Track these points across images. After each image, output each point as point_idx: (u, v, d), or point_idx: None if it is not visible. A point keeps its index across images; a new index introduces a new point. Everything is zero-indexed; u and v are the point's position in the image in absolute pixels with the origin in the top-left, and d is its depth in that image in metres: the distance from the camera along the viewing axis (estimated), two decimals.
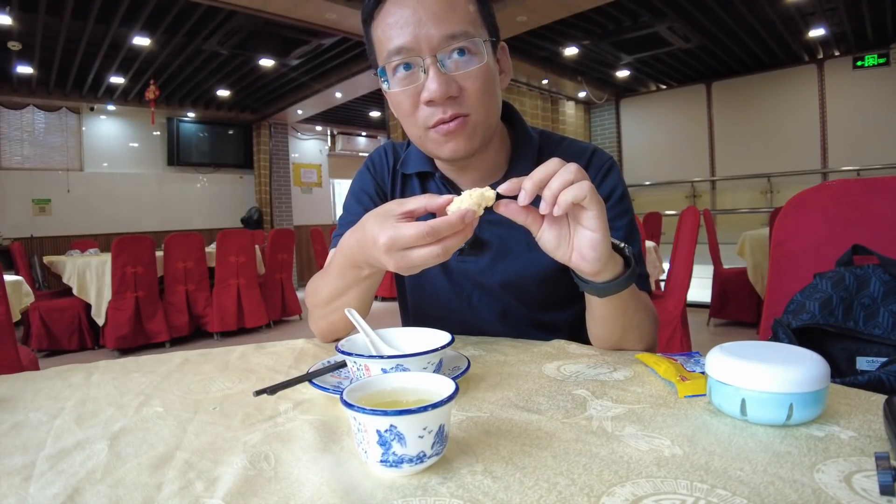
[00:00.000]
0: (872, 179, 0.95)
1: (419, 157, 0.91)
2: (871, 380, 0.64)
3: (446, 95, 0.73)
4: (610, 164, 0.90)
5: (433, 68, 0.72)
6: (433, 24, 0.72)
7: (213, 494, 0.39)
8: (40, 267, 5.45)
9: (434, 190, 0.92)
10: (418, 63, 0.73)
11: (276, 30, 5.08)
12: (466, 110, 0.75)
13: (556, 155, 0.90)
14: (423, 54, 0.73)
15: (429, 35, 0.72)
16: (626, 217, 0.87)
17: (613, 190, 0.88)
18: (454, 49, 0.73)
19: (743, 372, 0.47)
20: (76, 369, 0.75)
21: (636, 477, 0.39)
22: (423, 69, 0.73)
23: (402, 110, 0.78)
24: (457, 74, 0.74)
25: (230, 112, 8.16)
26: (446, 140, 0.77)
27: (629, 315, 0.72)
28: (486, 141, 0.82)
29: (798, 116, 6.95)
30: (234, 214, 8.38)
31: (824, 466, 0.39)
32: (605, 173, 0.89)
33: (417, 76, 0.74)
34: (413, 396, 0.46)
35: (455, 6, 0.74)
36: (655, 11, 5.17)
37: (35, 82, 6.36)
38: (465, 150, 0.79)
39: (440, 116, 0.74)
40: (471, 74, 0.74)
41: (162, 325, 4.48)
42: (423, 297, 0.96)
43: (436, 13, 0.72)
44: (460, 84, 0.74)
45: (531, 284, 0.89)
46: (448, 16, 0.73)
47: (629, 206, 0.89)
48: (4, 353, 1.94)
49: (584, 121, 8.62)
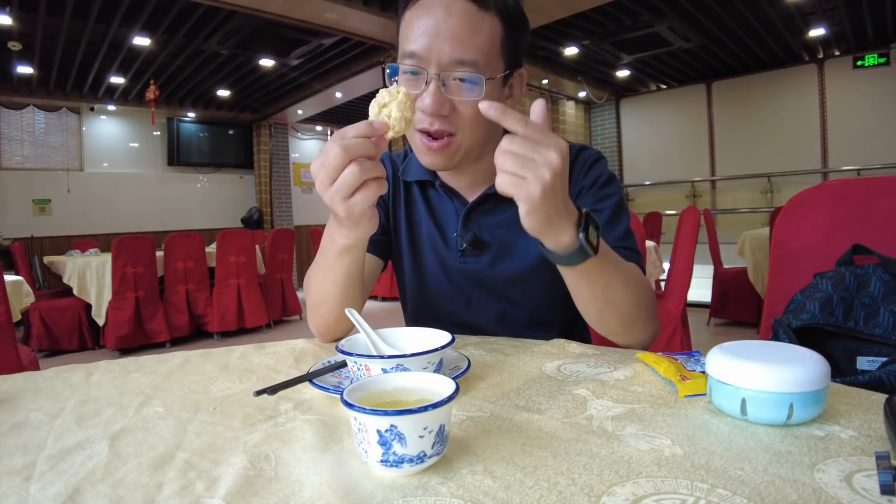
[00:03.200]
0: (873, 179, 0.95)
1: (419, 166, 0.92)
2: (871, 379, 0.64)
3: (437, 113, 0.76)
4: (596, 156, 0.92)
5: (434, 83, 0.75)
6: (448, 43, 0.74)
7: (213, 494, 0.39)
8: (40, 267, 5.45)
9: (435, 197, 0.95)
10: (423, 74, 0.76)
11: (276, 30, 5.08)
12: (454, 129, 0.78)
13: None
14: (430, 67, 0.75)
15: (440, 52, 0.74)
16: (610, 199, 0.88)
17: (598, 177, 0.89)
18: (458, 74, 0.75)
19: (743, 371, 0.47)
20: (76, 369, 0.75)
21: (636, 477, 0.39)
22: (426, 80, 0.76)
23: None
24: (454, 98, 0.76)
25: (230, 112, 8.16)
26: (427, 152, 0.81)
27: (602, 291, 0.71)
28: (472, 158, 0.85)
29: (798, 116, 6.95)
30: (235, 214, 8.38)
31: (825, 466, 0.39)
32: (591, 165, 0.90)
33: (420, 84, 0.77)
34: (413, 396, 0.46)
35: (477, 32, 0.75)
36: (656, 11, 5.17)
37: (35, 82, 6.36)
38: (441, 165, 0.82)
39: (426, 126, 0.77)
40: (467, 102, 0.77)
41: (162, 325, 4.48)
42: (422, 299, 0.97)
43: (455, 34, 0.74)
44: (455, 106, 0.77)
45: (531, 283, 0.89)
46: (465, 41, 0.74)
47: (615, 190, 0.90)
48: (4, 353, 1.94)
49: (585, 121, 8.62)
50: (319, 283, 0.80)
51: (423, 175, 0.93)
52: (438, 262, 0.94)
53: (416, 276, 0.97)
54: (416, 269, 0.97)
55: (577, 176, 0.90)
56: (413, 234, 0.97)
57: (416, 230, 0.97)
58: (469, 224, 0.91)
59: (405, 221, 0.97)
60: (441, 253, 0.94)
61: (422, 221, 0.96)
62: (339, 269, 0.76)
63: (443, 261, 0.94)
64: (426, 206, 0.96)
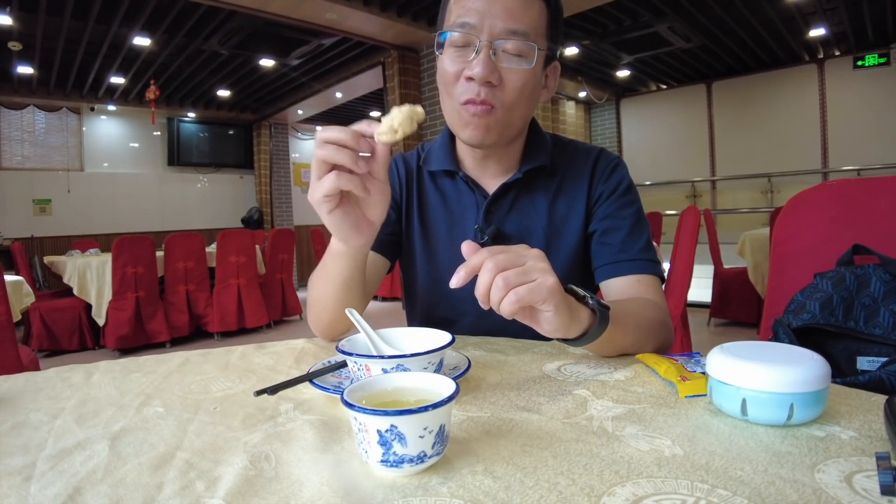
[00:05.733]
0: (873, 179, 0.95)
1: (443, 155, 0.93)
2: (871, 380, 0.64)
3: (486, 80, 0.77)
4: (616, 161, 0.94)
5: (485, 51, 0.77)
6: (501, 17, 0.77)
7: (213, 494, 0.39)
8: (41, 267, 5.45)
9: (453, 190, 0.95)
10: (474, 43, 0.77)
11: (276, 30, 5.07)
12: (496, 102, 0.79)
13: (566, 155, 0.94)
14: (482, 36, 0.77)
15: (493, 24, 0.77)
16: (631, 208, 0.89)
17: (619, 183, 0.91)
18: (510, 42, 0.77)
19: (743, 372, 0.47)
20: (76, 369, 0.75)
21: (637, 477, 0.39)
22: (476, 49, 0.77)
23: (446, 78, 0.82)
24: (503, 67, 0.78)
25: (230, 112, 8.16)
26: (468, 122, 0.81)
27: (619, 343, 0.69)
28: (506, 140, 0.85)
29: (798, 116, 6.95)
30: (235, 214, 8.38)
31: (825, 466, 0.39)
32: (612, 170, 0.92)
33: (469, 53, 0.78)
34: (414, 396, 0.46)
35: (529, 8, 0.78)
36: (656, 11, 5.17)
37: (35, 82, 6.36)
38: (480, 139, 0.82)
39: (473, 95, 0.78)
40: (514, 72, 0.78)
41: (162, 325, 4.48)
42: (435, 296, 0.95)
43: (508, 8, 0.77)
44: (502, 76, 0.78)
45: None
46: (518, 14, 0.77)
47: (635, 198, 0.91)
48: (5, 353, 1.94)
49: (585, 121, 8.62)
50: (319, 283, 0.81)
51: (447, 164, 0.93)
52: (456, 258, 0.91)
53: (429, 274, 0.95)
54: (431, 268, 0.95)
55: (598, 179, 0.91)
56: (427, 230, 0.95)
57: (431, 226, 0.95)
58: (490, 217, 0.91)
59: (418, 217, 0.96)
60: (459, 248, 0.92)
61: (438, 216, 0.95)
62: (335, 272, 0.76)
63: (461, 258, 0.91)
64: (442, 199, 0.95)
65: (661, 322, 0.79)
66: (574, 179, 0.92)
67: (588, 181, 0.91)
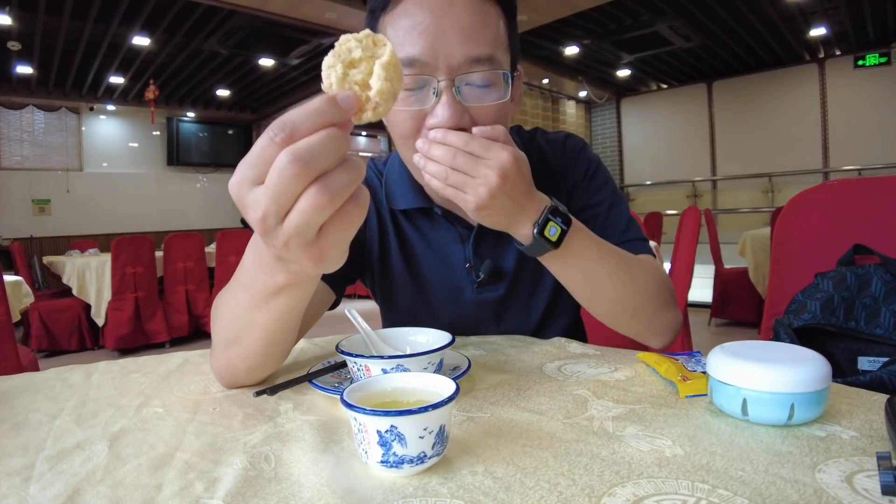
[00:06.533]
0: (874, 179, 0.95)
1: (407, 189, 0.80)
2: (872, 380, 0.64)
3: (456, 126, 0.62)
4: (581, 145, 0.87)
5: (447, 93, 0.63)
6: (458, 39, 0.62)
7: (213, 495, 0.39)
8: (40, 267, 5.45)
9: (428, 226, 0.82)
10: (430, 83, 0.63)
11: (275, 29, 5.08)
12: None
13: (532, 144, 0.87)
14: (439, 74, 0.62)
15: (450, 52, 0.62)
16: (603, 191, 0.83)
17: (588, 165, 0.84)
18: (475, 74, 0.63)
19: (744, 372, 0.47)
20: (76, 370, 0.75)
21: (637, 477, 0.39)
22: (434, 91, 0.63)
23: (400, 131, 0.67)
24: (471, 106, 0.64)
25: (230, 112, 8.16)
26: None
27: (583, 280, 0.68)
28: None
29: (799, 116, 6.95)
30: (234, 214, 8.37)
31: (826, 466, 0.39)
32: (577, 156, 0.85)
33: (426, 97, 0.64)
34: (413, 397, 0.46)
35: (487, 22, 0.64)
36: (656, 10, 5.17)
37: (35, 82, 6.37)
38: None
39: None
40: (487, 109, 0.65)
41: (162, 326, 4.47)
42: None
43: (464, 27, 0.62)
44: (472, 116, 0.64)
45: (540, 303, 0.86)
46: (477, 33, 0.63)
47: (606, 177, 0.85)
48: (4, 353, 1.94)
49: (585, 120, 8.62)
50: (238, 321, 0.55)
51: (418, 202, 0.79)
52: (449, 299, 0.84)
53: (426, 314, 0.85)
54: (425, 308, 0.85)
55: (570, 171, 0.84)
56: (414, 270, 0.84)
57: (416, 265, 0.84)
58: (480, 251, 0.81)
59: (401, 256, 0.84)
60: (452, 287, 0.83)
61: (422, 254, 0.84)
62: (274, 312, 0.52)
63: (456, 295, 0.83)
64: (420, 235, 0.83)
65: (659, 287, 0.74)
66: (549, 176, 0.82)
67: (563, 175, 0.84)
